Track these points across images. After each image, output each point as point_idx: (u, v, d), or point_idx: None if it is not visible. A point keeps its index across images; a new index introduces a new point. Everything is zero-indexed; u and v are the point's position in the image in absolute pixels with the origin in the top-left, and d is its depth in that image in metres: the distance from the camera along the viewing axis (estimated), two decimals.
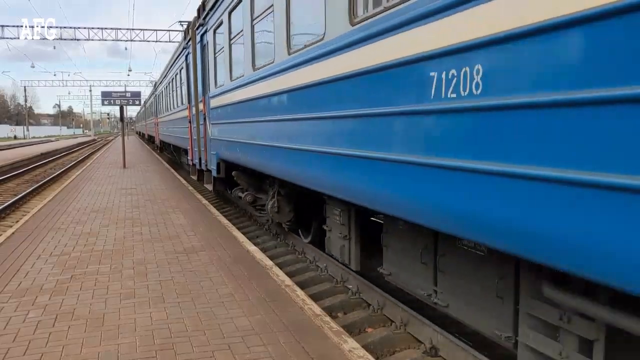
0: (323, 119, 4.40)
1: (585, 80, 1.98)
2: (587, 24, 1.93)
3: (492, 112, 2.43)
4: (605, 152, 1.90)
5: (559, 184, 2.08)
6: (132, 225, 8.29)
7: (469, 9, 2.55)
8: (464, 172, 2.62)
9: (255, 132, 6.61)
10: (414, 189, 3.09)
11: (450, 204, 2.77)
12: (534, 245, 2.28)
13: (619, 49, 1.83)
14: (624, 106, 1.82)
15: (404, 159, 3.14)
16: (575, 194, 2.01)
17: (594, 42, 1.93)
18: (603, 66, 1.91)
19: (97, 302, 4.64)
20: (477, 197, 2.54)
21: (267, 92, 5.96)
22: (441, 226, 3.09)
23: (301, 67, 4.79)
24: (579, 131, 1.99)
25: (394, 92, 3.26)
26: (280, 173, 6.02)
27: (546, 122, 2.15)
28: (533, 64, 2.21)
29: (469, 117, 2.60)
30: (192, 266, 5.83)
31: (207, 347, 3.68)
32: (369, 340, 4.38)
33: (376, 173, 3.53)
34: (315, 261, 6.88)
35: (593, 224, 1.97)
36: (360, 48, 3.64)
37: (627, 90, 1.79)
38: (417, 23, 2.97)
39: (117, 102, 19.51)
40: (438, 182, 2.83)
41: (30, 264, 5.91)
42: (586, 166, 1.97)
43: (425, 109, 2.93)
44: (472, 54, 2.54)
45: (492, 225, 2.48)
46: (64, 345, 3.73)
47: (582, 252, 2.03)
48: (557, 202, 2.10)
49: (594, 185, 1.95)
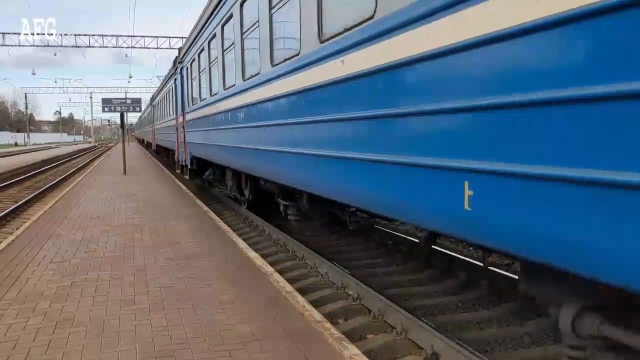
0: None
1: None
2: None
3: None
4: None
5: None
6: (132, 231, 8.28)
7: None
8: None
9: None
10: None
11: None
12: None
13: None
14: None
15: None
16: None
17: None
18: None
19: (97, 309, 4.63)
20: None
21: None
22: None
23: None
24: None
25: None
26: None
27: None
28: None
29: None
30: (193, 272, 5.82)
31: (208, 354, 3.66)
32: (369, 347, 4.36)
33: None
34: (315, 267, 6.87)
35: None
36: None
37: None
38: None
39: (118, 109, 19.56)
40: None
41: (31, 271, 5.91)
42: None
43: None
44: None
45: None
46: (64, 352, 3.72)
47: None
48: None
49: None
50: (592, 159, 1.97)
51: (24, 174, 23.01)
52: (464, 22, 2.57)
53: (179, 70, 16.03)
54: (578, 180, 2.03)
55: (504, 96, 2.39)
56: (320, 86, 4.61)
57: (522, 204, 2.31)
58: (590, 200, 1.98)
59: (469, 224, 2.71)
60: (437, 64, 2.88)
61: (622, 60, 1.84)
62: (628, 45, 1.82)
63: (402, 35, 3.22)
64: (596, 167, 1.94)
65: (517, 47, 2.32)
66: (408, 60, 3.18)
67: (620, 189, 1.85)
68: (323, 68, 4.49)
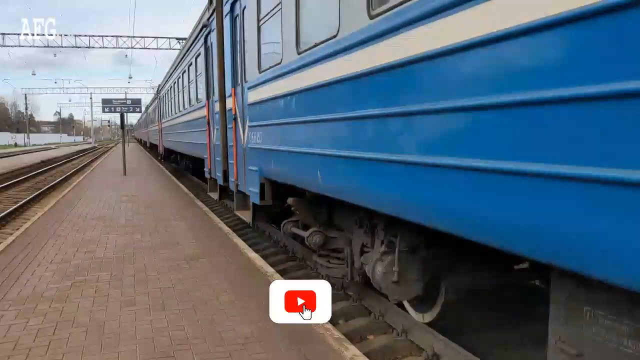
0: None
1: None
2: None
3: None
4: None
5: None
6: (132, 232, 8.28)
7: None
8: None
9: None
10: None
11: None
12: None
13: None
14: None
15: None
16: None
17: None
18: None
19: (97, 310, 4.63)
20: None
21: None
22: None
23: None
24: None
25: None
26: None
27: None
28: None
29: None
30: (193, 273, 5.81)
31: (208, 355, 3.66)
32: (370, 348, 4.36)
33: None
34: (316, 268, 6.85)
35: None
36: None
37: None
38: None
39: (118, 110, 19.54)
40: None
41: (31, 272, 5.90)
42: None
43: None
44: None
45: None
46: (64, 353, 3.72)
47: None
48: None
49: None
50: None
51: (24, 174, 23.01)
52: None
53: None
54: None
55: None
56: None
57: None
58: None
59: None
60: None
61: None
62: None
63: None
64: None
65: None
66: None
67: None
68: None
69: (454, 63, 2.70)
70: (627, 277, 1.94)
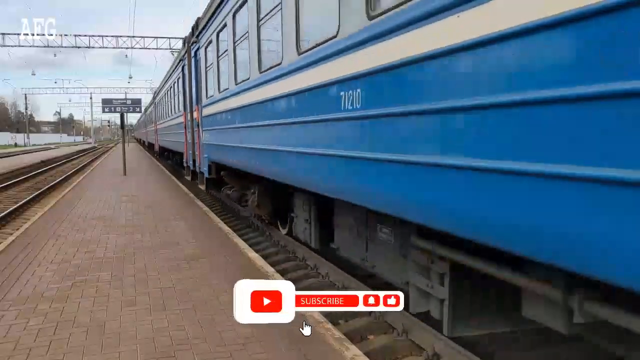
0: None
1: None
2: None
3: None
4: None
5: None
6: (133, 232, 8.28)
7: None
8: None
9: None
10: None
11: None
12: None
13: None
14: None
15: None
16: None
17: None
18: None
19: (98, 310, 4.63)
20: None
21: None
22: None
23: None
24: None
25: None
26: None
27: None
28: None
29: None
30: (193, 273, 5.82)
31: (209, 355, 3.67)
32: (370, 348, 4.36)
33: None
34: (316, 268, 6.87)
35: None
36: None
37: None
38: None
39: (118, 110, 19.54)
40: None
41: (31, 272, 5.90)
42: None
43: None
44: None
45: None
46: (64, 353, 3.72)
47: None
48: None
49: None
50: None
51: (24, 174, 23.01)
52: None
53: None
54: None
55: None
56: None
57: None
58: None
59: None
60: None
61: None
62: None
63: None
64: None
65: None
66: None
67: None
68: None
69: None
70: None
